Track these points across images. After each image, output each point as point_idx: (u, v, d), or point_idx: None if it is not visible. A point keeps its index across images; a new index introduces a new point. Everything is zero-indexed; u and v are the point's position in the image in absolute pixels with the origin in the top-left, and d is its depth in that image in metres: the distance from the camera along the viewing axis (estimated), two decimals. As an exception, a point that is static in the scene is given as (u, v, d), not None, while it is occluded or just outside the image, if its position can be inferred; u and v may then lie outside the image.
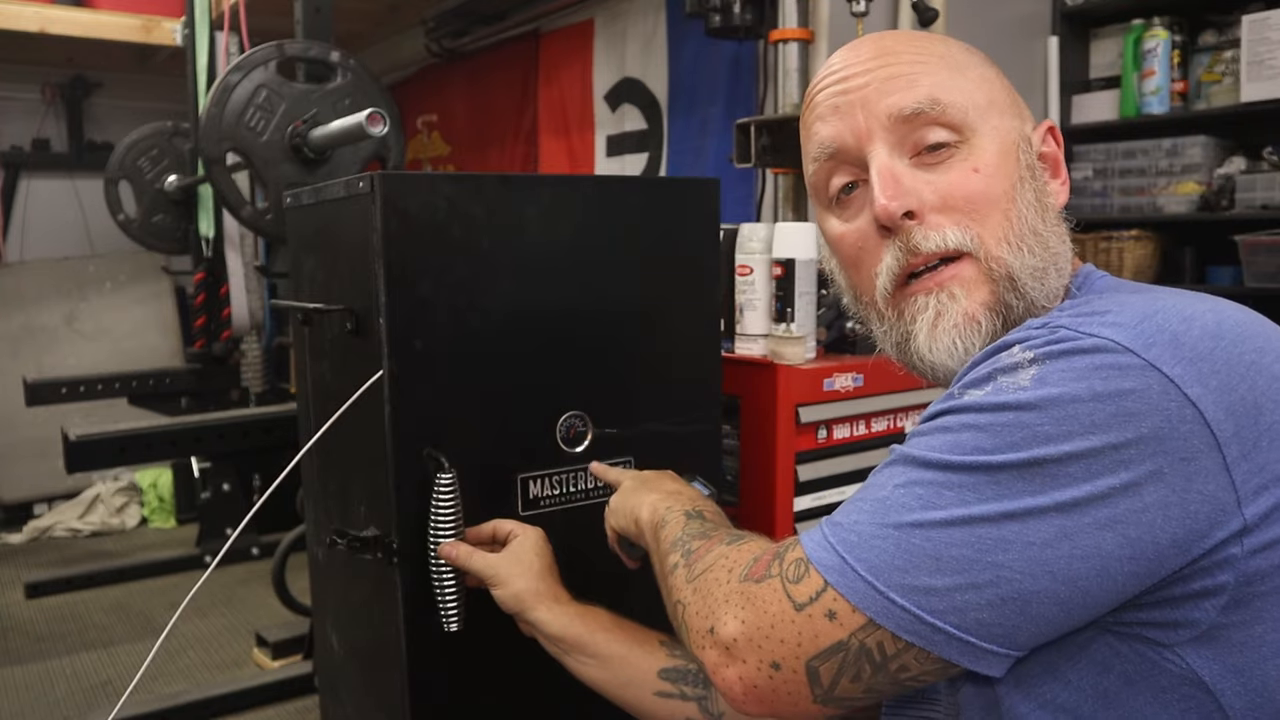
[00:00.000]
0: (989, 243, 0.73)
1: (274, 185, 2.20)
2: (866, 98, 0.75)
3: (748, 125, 1.85)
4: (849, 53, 0.79)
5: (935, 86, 0.74)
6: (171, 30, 3.65)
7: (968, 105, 0.74)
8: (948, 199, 0.73)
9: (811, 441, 1.52)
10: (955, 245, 0.73)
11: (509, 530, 1.10)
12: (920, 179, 0.74)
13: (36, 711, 2.35)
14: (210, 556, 3.33)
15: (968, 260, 0.73)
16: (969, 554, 0.59)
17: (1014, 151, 0.75)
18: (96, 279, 4.36)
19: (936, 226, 0.73)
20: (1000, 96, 0.77)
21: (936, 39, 0.79)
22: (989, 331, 0.73)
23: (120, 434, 2.51)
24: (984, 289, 0.73)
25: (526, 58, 3.86)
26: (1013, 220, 0.73)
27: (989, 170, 0.73)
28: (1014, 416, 0.60)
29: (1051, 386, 0.60)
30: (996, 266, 0.73)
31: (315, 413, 1.32)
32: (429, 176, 1.11)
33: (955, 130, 0.74)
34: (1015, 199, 0.74)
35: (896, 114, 0.74)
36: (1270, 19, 2.40)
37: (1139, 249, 2.64)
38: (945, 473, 0.62)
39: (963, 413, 0.63)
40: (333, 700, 1.44)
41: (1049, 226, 0.75)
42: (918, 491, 0.62)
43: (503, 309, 1.14)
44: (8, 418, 3.94)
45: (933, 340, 0.74)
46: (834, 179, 0.79)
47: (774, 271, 1.50)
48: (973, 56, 0.79)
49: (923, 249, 0.73)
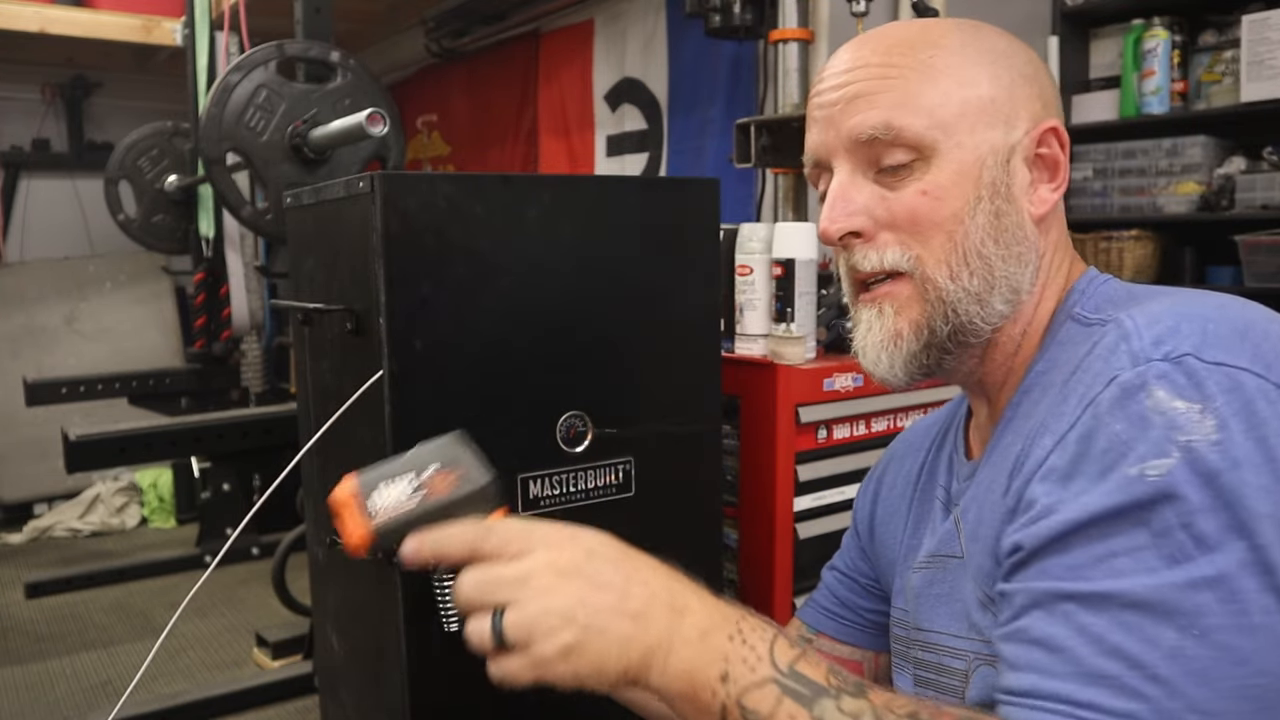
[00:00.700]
0: (928, 264, 0.74)
1: (274, 185, 2.20)
2: (833, 116, 0.77)
3: (748, 125, 1.85)
4: (838, 57, 0.79)
5: (894, 107, 0.73)
6: (171, 30, 3.66)
7: (929, 123, 0.73)
8: (895, 219, 0.75)
9: (811, 441, 1.52)
10: (892, 265, 0.75)
11: (509, 530, 1.10)
12: (876, 196, 0.76)
13: (36, 711, 2.35)
14: (210, 556, 3.33)
15: (904, 279, 0.76)
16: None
17: (975, 169, 0.74)
18: (96, 279, 4.36)
19: (882, 245, 0.76)
20: (982, 105, 0.74)
21: (927, 40, 0.76)
22: (909, 350, 0.76)
23: (120, 434, 2.51)
24: (915, 308, 0.76)
25: (526, 58, 3.86)
26: (957, 242, 0.74)
27: (938, 192, 0.74)
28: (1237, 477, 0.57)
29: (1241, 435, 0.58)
30: (930, 289, 0.75)
31: (315, 413, 1.32)
32: (429, 176, 1.11)
33: (914, 149, 0.74)
34: (964, 220, 0.74)
35: (855, 137, 0.75)
36: (1270, 19, 2.40)
37: (1139, 249, 2.64)
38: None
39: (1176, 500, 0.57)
40: (333, 700, 1.44)
41: (1002, 247, 0.74)
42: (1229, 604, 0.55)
43: (503, 309, 1.14)
44: (8, 418, 3.94)
45: (864, 350, 0.78)
46: (819, 184, 0.82)
47: (774, 271, 1.50)
48: (962, 56, 0.75)
49: (860, 268, 0.77)
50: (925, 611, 0.82)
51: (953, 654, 0.78)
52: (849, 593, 1.01)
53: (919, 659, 0.84)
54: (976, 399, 0.85)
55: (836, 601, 1.02)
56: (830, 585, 1.04)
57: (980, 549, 0.73)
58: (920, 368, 0.77)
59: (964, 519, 0.78)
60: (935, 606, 0.81)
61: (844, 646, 1.01)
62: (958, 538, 0.78)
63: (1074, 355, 0.71)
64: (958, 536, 0.79)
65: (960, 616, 0.77)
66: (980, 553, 0.73)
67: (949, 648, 0.79)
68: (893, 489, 0.97)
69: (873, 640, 1.00)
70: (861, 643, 1.00)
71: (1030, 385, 0.75)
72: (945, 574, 0.80)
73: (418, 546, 0.69)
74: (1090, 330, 0.72)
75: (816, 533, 1.52)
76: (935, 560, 0.82)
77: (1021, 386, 0.77)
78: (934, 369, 0.78)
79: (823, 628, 1.02)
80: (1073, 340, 0.73)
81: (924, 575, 0.83)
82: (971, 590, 0.74)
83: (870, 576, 1.00)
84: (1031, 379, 0.76)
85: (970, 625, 0.75)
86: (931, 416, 1.00)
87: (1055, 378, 0.72)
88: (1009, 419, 0.77)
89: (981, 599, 0.72)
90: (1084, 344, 0.70)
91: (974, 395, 0.85)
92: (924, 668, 0.83)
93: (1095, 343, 0.67)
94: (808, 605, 1.06)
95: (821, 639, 1.02)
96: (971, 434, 0.87)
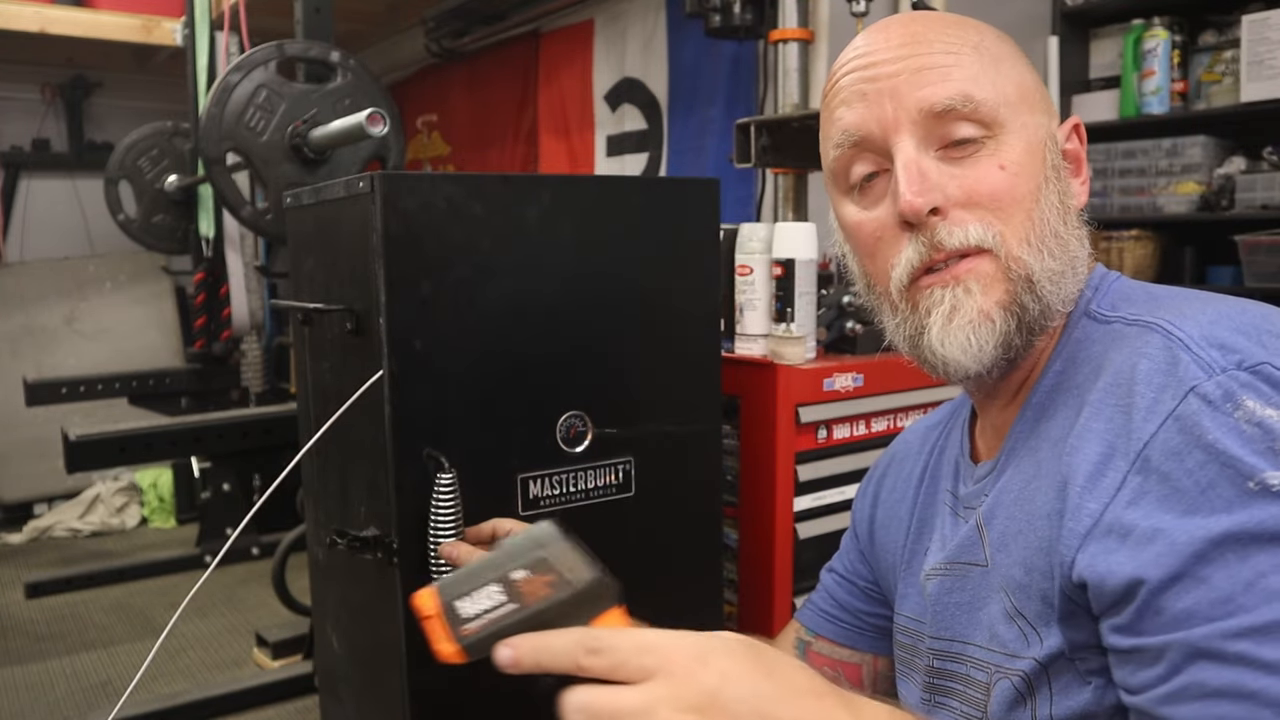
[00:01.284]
0: (1011, 242, 0.71)
1: (274, 185, 2.20)
2: (896, 88, 0.72)
3: (748, 125, 1.85)
4: (877, 35, 0.76)
5: (968, 81, 0.71)
6: (171, 30, 3.66)
7: (999, 101, 0.72)
8: (973, 195, 0.71)
9: (811, 441, 1.52)
10: (977, 242, 0.71)
11: (509, 530, 1.10)
12: (946, 173, 0.72)
13: (36, 711, 2.35)
14: (210, 556, 3.33)
15: (988, 256, 0.71)
16: None
17: (1041, 150, 0.73)
18: (96, 279, 4.36)
19: (960, 222, 0.71)
20: (1031, 91, 0.75)
21: (970, 25, 0.76)
22: (1002, 331, 0.71)
23: (120, 434, 2.51)
24: (1000, 287, 0.71)
25: (526, 58, 3.86)
26: (1035, 221, 0.72)
27: (1015, 168, 0.71)
28: None
29: None
30: (1016, 266, 0.71)
31: (315, 413, 1.32)
32: (429, 176, 1.11)
33: (985, 126, 0.72)
34: (1039, 199, 0.72)
35: (928, 109, 0.71)
36: (1270, 19, 2.40)
37: (1139, 249, 2.64)
38: None
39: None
40: (333, 700, 1.44)
41: (1070, 229, 0.74)
42: None
43: (503, 309, 1.14)
44: (8, 418, 3.94)
45: (945, 335, 0.72)
46: (855, 167, 0.76)
47: (774, 271, 1.50)
48: (1005, 46, 0.76)
49: (946, 245, 0.71)
50: (944, 620, 0.79)
51: (975, 664, 0.75)
52: (848, 595, 1.01)
53: (933, 668, 0.81)
54: (987, 398, 0.81)
55: (835, 604, 1.02)
56: (829, 588, 1.03)
57: (1012, 560, 0.70)
58: (1010, 350, 0.72)
59: (988, 526, 0.75)
60: (955, 615, 0.78)
61: (843, 649, 1.01)
62: (981, 545, 0.75)
63: (1095, 355, 0.69)
64: (981, 544, 0.75)
65: (982, 627, 0.74)
66: (1012, 564, 0.70)
67: (971, 658, 0.76)
68: (893, 492, 0.96)
69: (871, 643, 0.99)
70: (860, 645, 1.00)
71: (1050, 385, 0.73)
72: (966, 582, 0.77)
73: (515, 659, 0.58)
74: (1110, 329, 0.70)
75: (816, 533, 1.52)
76: (954, 567, 0.79)
77: (1039, 386, 0.74)
78: (1019, 353, 0.73)
79: (822, 630, 1.02)
80: (1090, 339, 0.72)
81: (941, 582, 0.80)
82: (999, 601, 0.72)
83: (869, 580, 0.99)
84: (1050, 378, 0.74)
85: (993, 636, 0.72)
86: (930, 417, 0.98)
87: (1078, 379, 0.70)
88: (1032, 420, 0.74)
89: (1009, 610, 0.70)
90: (1107, 344, 0.69)
91: (984, 394, 0.81)
92: (940, 677, 0.80)
93: (1137, 350, 0.64)
94: (806, 607, 1.05)
95: (820, 641, 1.02)
96: (978, 435, 0.85)
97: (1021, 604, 0.69)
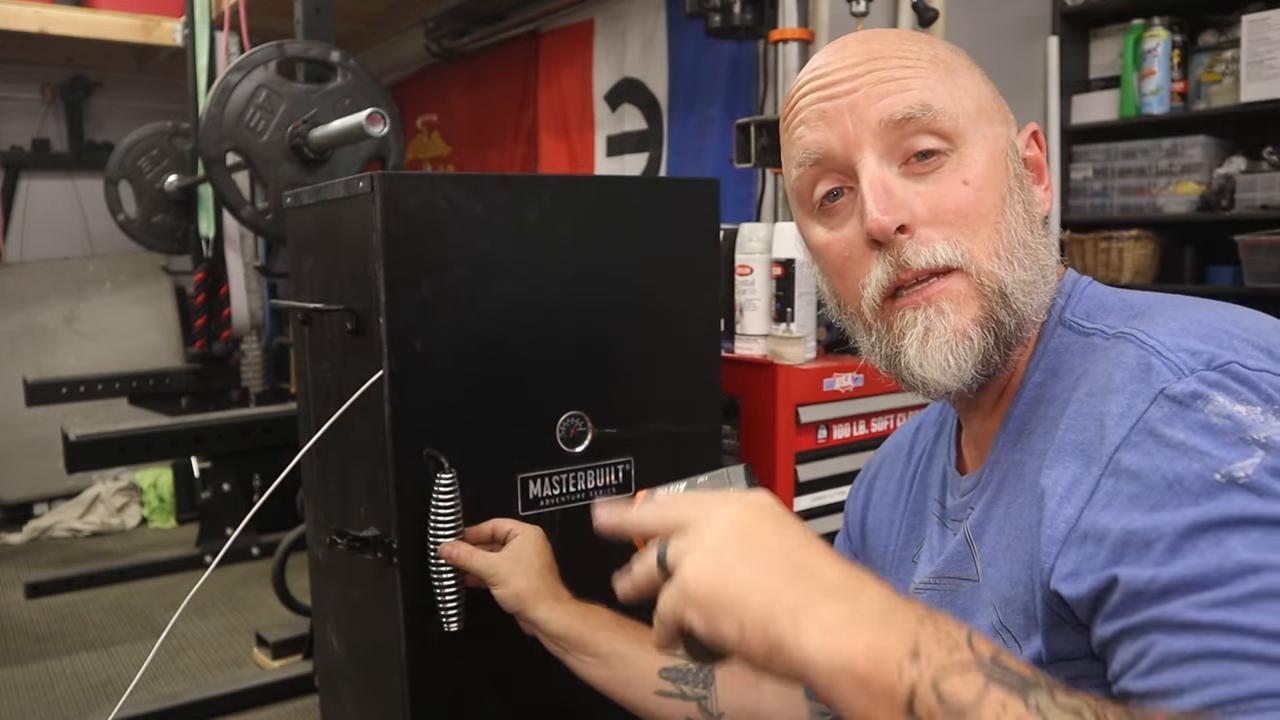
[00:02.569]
0: (980, 257, 0.71)
1: (274, 185, 2.20)
2: (855, 103, 0.72)
3: (748, 125, 1.85)
4: (833, 54, 0.76)
5: (926, 90, 0.72)
6: (171, 30, 3.66)
7: (958, 112, 0.72)
8: (938, 213, 0.71)
9: (811, 441, 1.52)
10: (945, 261, 0.70)
11: (509, 529, 1.10)
12: (911, 190, 0.72)
13: (36, 711, 2.35)
14: (210, 556, 3.33)
15: (957, 275, 0.71)
16: None
17: (1003, 160, 0.73)
18: (96, 279, 4.36)
19: (927, 241, 0.70)
20: (989, 102, 0.75)
21: (923, 39, 0.77)
22: (980, 348, 0.71)
23: (120, 434, 2.51)
24: (974, 304, 0.71)
25: (526, 58, 3.86)
26: (1003, 233, 0.72)
27: (979, 181, 0.71)
28: None
29: None
30: (988, 280, 0.71)
31: (315, 413, 1.32)
32: (429, 176, 1.12)
33: (945, 138, 0.72)
34: (1005, 211, 0.72)
35: (888, 119, 0.71)
36: (1270, 19, 2.40)
37: (1139, 249, 2.64)
38: None
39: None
40: (333, 700, 1.44)
41: (1037, 237, 0.74)
42: None
43: (503, 309, 1.14)
44: (8, 418, 3.94)
45: (923, 356, 0.72)
46: (818, 186, 0.76)
47: (774, 271, 1.50)
48: (960, 59, 0.76)
49: (913, 264, 0.71)
50: None
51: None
52: None
53: None
54: (968, 409, 0.81)
55: None
56: None
57: (1000, 575, 0.70)
58: (989, 366, 0.72)
59: (979, 541, 0.75)
60: None
61: None
62: (972, 560, 0.75)
63: (1075, 368, 0.69)
64: (972, 558, 0.75)
65: None
66: (1000, 579, 0.70)
67: None
68: (884, 494, 0.96)
69: None
70: None
71: (1031, 398, 0.74)
72: (956, 596, 0.77)
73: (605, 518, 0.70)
74: (1089, 341, 0.70)
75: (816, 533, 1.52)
76: (944, 581, 0.79)
77: (1019, 397, 0.75)
78: (998, 368, 0.73)
79: None
80: (1069, 350, 0.72)
81: (930, 596, 0.80)
82: (987, 615, 0.72)
83: None
84: (1031, 390, 0.74)
85: None
86: (917, 419, 0.97)
87: (1057, 390, 0.70)
88: (1014, 432, 0.74)
89: (995, 625, 0.70)
90: (1085, 357, 0.69)
91: (965, 406, 0.80)
92: None
93: (1113, 361, 0.65)
94: None
95: None
96: (964, 444, 0.85)
97: (1007, 617, 0.69)
